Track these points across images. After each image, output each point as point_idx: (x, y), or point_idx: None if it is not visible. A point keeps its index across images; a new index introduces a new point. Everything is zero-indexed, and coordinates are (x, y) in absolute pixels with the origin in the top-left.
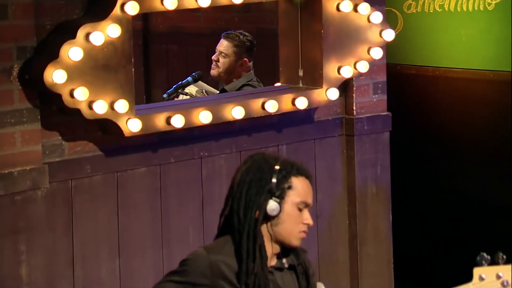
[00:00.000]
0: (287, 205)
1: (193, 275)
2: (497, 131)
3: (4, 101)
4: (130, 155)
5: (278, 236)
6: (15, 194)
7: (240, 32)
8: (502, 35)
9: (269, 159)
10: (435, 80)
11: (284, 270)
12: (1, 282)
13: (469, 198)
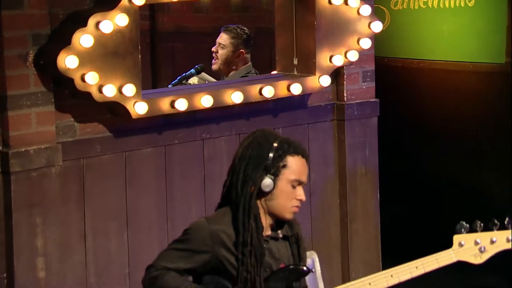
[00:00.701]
0: (281, 182)
1: (195, 243)
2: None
3: (21, 85)
4: (137, 136)
5: (272, 210)
6: (31, 171)
7: (238, 26)
8: (481, 29)
9: (269, 137)
10: (419, 72)
11: (278, 239)
12: (18, 253)
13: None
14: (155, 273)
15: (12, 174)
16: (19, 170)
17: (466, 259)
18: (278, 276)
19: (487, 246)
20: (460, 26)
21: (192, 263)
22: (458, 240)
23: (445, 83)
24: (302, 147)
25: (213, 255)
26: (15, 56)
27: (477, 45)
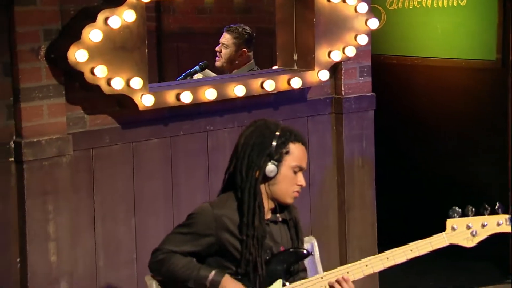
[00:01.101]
0: (284, 168)
1: (200, 227)
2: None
3: (33, 78)
4: (144, 128)
5: (274, 194)
6: (43, 160)
7: (240, 26)
8: (473, 27)
9: (271, 125)
10: (414, 68)
11: (278, 223)
12: (31, 238)
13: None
14: (161, 256)
15: (25, 163)
16: (32, 159)
17: (458, 242)
18: (279, 258)
19: (478, 230)
20: (453, 24)
21: (196, 246)
22: (450, 224)
23: (438, 79)
24: (302, 135)
25: (216, 238)
26: (27, 50)
27: (469, 42)
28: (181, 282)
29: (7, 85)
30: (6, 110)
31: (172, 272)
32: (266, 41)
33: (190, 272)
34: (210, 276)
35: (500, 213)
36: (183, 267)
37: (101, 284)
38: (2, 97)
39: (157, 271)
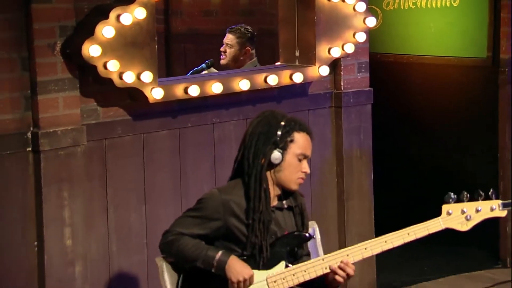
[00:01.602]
0: (289, 156)
1: (208, 211)
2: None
3: (49, 72)
4: (154, 120)
5: (280, 180)
6: (59, 150)
7: (242, 25)
8: (465, 27)
9: (277, 116)
10: (409, 66)
11: (283, 210)
12: (47, 223)
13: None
14: (171, 238)
15: (42, 153)
16: (48, 149)
17: (453, 226)
18: (283, 241)
19: (472, 215)
20: (446, 24)
21: (205, 229)
22: (446, 209)
23: (432, 75)
24: (307, 124)
25: (224, 222)
26: (44, 46)
27: (461, 41)
28: (190, 262)
29: (25, 79)
30: (24, 102)
31: (181, 252)
32: (268, 41)
33: (198, 253)
34: (217, 256)
35: (493, 199)
36: (191, 247)
37: (113, 267)
38: (20, 89)
39: (167, 251)
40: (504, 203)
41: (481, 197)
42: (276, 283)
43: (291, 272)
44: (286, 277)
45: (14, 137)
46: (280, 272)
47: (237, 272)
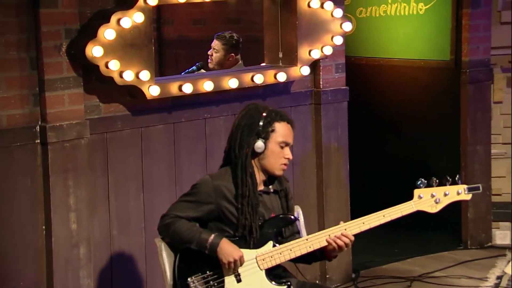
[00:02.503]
0: (271, 144)
1: (201, 196)
2: (426, 104)
3: (56, 71)
4: (151, 115)
5: (264, 167)
6: (65, 142)
7: (229, 33)
8: (430, 33)
9: (260, 108)
10: (380, 67)
11: (270, 193)
12: (54, 209)
13: (403, 153)
14: (168, 220)
15: (49, 145)
16: (55, 141)
17: (424, 209)
18: (270, 223)
19: (441, 198)
20: (413, 30)
21: (199, 212)
22: (417, 194)
23: (401, 76)
24: (287, 114)
25: (216, 206)
26: (51, 47)
27: (427, 45)
28: (185, 244)
29: (33, 77)
30: (33, 99)
31: (177, 234)
32: (253, 47)
33: (192, 235)
34: (210, 239)
35: (459, 184)
36: (187, 230)
37: (114, 249)
38: (29, 87)
39: (165, 233)
40: (469, 187)
41: (449, 182)
42: (264, 261)
43: (278, 250)
44: (274, 255)
45: (24, 130)
46: (268, 251)
47: (227, 254)
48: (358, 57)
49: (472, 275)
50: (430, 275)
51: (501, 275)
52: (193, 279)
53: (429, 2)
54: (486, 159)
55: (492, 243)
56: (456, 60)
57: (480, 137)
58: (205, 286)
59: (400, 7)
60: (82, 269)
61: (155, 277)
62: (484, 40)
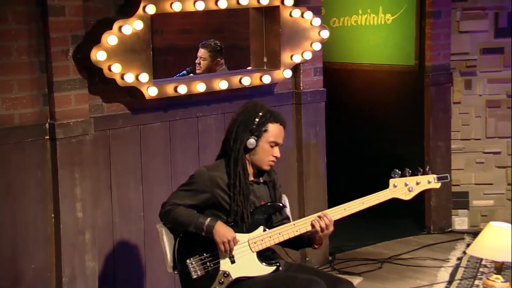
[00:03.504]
0: (262, 142)
1: (198, 185)
2: (393, 104)
3: (63, 73)
4: (149, 114)
5: (254, 162)
6: (71, 138)
7: (212, 41)
8: (397, 40)
9: (257, 107)
10: (352, 72)
11: (260, 184)
12: (62, 199)
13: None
14: (168, 208)
15: (57, 140)
16: (63, 137)
17: (399, 196)
18: (260, 210)
19: (414, 187)
20: (381, 38)
21: (195, 200)
22: (392, 183)
23: (371, 80)
24: (281, 116)
25: (211, 194)
26: (59, 52)
27: (394, 51)
28: (184, 227)
29: (43, 79)
30: (42, 99)
31: (176, 220)
32: (236, 54)
33: (190, 220)
34: (206, 222)
35: (430, 174)
36: (185, 215)
37: (116, 235)
38: (39, 88)
39: (165, 219)
40: (439, 177)
41: (420, 172)
42: (256, 244)
43: (268, 234)
44: (264, 238)
45: (34, 127)
46: (259, 235)
47: (222, 235)
48: (333, 62)
49: (435, 257)
50: (398, 257)
51: (461, 257)
52: (191, 260)
53: (395, 13)
54: (447, 154)
55: (452, 228)
56: (420, 65)
57: (441, 133)
58: (202, 267)
59: (369, 18)
60: (87, 253)
61: (153, 260)
62: (445, 47)
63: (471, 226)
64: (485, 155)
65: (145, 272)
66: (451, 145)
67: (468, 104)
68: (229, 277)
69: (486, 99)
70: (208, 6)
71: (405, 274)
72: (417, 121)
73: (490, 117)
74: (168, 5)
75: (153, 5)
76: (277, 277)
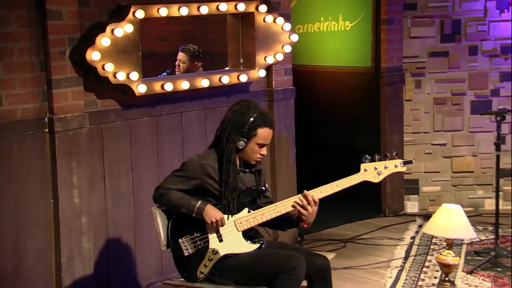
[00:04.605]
0: (251, 144)
1: (189, 172)
2: (353, 101)
3: (61, 72)
4: (138, 109)
5: (243, 157)
6: (68, 131)
7: (191, 45)
8: (355, 44)
9: (250, 109)
10: (315, 73)
11: (246, 173)
12: (61, 186)
13: (336, 140)
14: (162, 191)
15: (56, 133)
16: (60, 130)
17: (369, 179)
18: (245, 193)
19: (382, 170)
20: (341, 42)
21: (186, 186)
22: (363, 167)
23: (332, 80)
24: (271, 120)
25: (201, 181)
26: (57, 53)
27: (353, 54)
28: (176, 209)
29: (42, 77)
30: (42, 95)
31: (169, 202)
32: (207, 58)
33: (182, 202)
34: (197, 204)
35: (396, 159)
36: (177, 199)
37: (109, 219)
38: (39, 85)
39: (159, 201)
40: (404, 161)
41: (388, 157)
42: (241, 224)
43: (252, 215)
44: (249, 219)
45: (35, 121)
46: (244, 216)
47: (211, 215)
48: (298, 65)
49: (391, 236)
50: (359, 237)
51: (414, 236)
52: (183, 239)
53: (354, 20)
54: (400, 145)
55: (404, 211)
56: (376, 67)
57: (395, 127)
58: (193, 245)
59: (330, 25)
60: (83, 236)
61: (142, 241)
62: (398, 51)
63: (421, 209)
64: (432, 147)
65: (135, 251)
66: (403, 138)
67: (418, 101)
68: (218, 254)
69: (433, 97)
70: (191, 12)
71: (366, 252)
72: (374, 117)
73: (437, 113)
74: (156, 10)
75: (142, 10)
76: (260, 254)
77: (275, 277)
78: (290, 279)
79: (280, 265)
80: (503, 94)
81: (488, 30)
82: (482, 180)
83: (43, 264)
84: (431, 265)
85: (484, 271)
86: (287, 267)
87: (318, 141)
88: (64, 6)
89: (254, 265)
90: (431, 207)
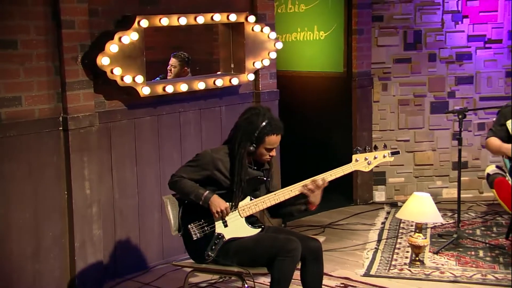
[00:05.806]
0: (260, 148)
1: (201, 163)
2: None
3: (73, 76)
4: (142, 109)
5: (254, 158)
6: (80, 129)
7: (182, 52)
8: (329, 52)
9: (259, 118)
10: (293, 78)
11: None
12: (74, 178)
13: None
14: (176, 179)
15: (69, 131)
16: (73, 128)
17: (360, 169)
18: (248, 183)
19: (372, 161)
20: (316, 50)
21: (199, 176)
22: (354, 158)
23: (309, 84)
24: (279, 125)
25: (211, 174)
26: (70, 58)
27: (326, 61)
28: (186, 196)
29: (57, 81)
30: (57, 96)
31: (182, 189)
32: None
33: (192, 190)
34: (205, 193)
35: (385, 150)
36: (189, 187)
37: (116, 208)
38: (54, 88)
39: (173, 187)
40: (392, 152)
41: (377, 149)
42: (244, 211)
43: (254, 203)
44: (251, 206)
45: (50, 120)
46: (247, 203)
47: (216, 205)
48: (279, 70)
49: (364, 222)
50: (335, 223)
51: (384, 221)
52: (192, 225)
53: (327, 31)
54: (369, 141)
55: (373, 200)
56: (348, 72)
57: (365, 125)
58: (201, 230)
59: (306, 34)
60: (94, 223)
61: (146, 228)
62: (367, 58)
63: (388, 198)
64: (397, 142)
65: (139, 237)
66: (372, 135)
67: (385, 102)
68: (223, 238)
69: (398, 98)
70: (189, 21)
71: (344, 236)
72: (346, 116)
73: (401, 112)
74: (158, 20)
75: (146, 20)
76: (261, 237)
77: (274, 258)
78: (287, 260)
79: (278, 248)
80: (458, 96)
81: (445, 39)
82: (440, 172)
83: (59, 249)
84: (401, 247)
85: (448, 251)
86: (285, 249)
87: (296, 138)
88: (77, 16)
89: (255, 248)
90: (396, 196)
